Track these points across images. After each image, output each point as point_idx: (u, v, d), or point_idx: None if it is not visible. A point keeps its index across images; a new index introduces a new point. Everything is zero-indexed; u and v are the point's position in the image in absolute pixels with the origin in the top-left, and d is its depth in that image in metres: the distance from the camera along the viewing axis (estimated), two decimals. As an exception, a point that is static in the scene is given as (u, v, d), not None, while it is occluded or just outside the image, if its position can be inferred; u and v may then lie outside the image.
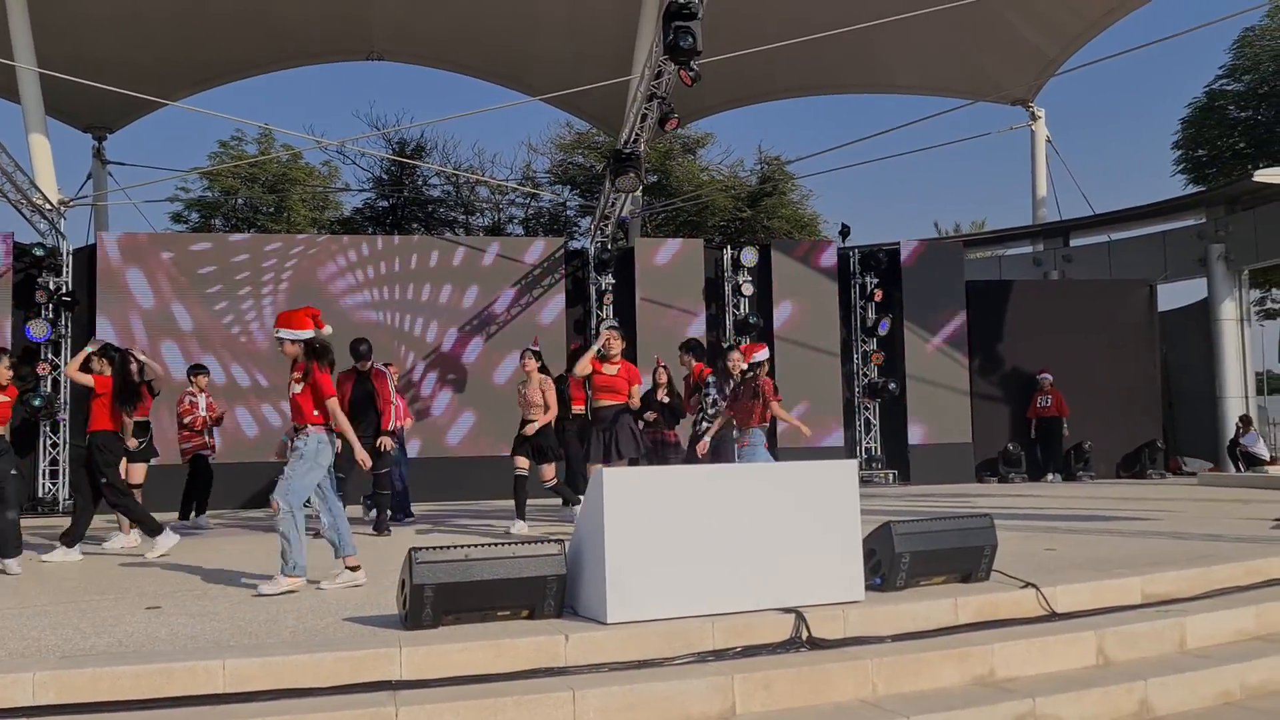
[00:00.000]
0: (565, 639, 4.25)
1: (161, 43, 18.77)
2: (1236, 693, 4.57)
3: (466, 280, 15.00)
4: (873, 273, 16.55)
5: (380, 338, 14.46)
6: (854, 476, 5.03)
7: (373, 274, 14.78)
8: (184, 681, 3.89)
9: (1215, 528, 7.97)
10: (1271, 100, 23.34)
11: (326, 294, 14.51)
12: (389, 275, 14.83)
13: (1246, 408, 18.07)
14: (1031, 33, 19.50)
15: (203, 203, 27.56)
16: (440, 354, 14.83)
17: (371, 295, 14.71)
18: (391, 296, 14.77)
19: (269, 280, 14.46)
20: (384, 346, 14.37)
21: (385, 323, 14.65)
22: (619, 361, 8.53)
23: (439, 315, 14.84)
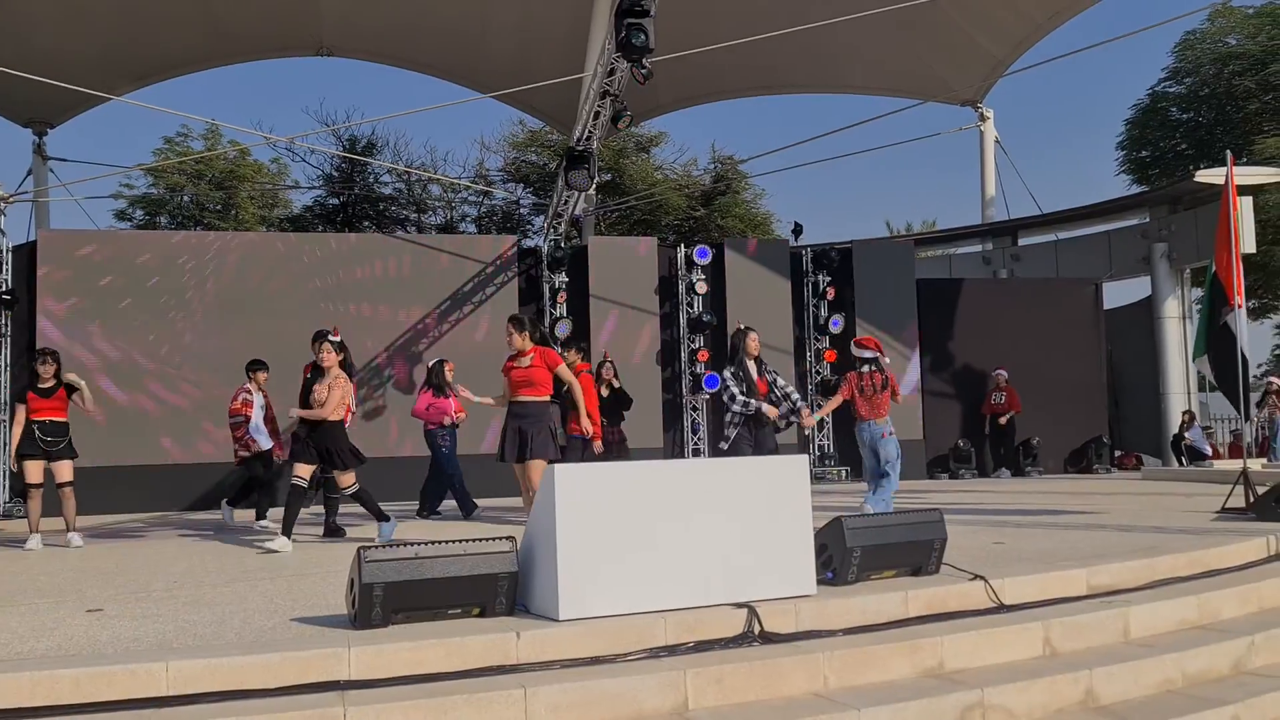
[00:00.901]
0: (517, 636, 4.22)
1: (103, 36, 18.41)
2: (1178, 681, 4.65)
3: (418, 279, 14.87)
4: (825, 271, 16.67)
5: (330, 336, 14.30)
6: (805, 472, 5.05)
7: (321, 271, 14.59)
8: (126, 684, 3.80)
9: (1159, 520, 8.12)
10: (1212, 103, 23.88)
11: (271, 292, 14.31)
12: (338, 272, 14.65)
13: (1189, 403, 18.47)
14: (980, 34, 19.78)
15: (147, 200, 27.09)
16: (390, 353, 14.69)
17: (319, 292, 14.52)
18: (341, 294, 14.59)
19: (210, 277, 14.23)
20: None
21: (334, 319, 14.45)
22: (531, 351, 7.98)
23: (390, 314, 14.69)
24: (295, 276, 14.48)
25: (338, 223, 26.80)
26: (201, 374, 13.92)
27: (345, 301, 14.57)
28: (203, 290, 14.17)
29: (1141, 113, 25.42)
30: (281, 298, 14.32)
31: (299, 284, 14.46)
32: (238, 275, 14.31)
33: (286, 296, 14.34)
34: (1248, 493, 8.22)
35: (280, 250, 14.70)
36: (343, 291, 14.60)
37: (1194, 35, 24.27)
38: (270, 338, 13.92)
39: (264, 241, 14.99)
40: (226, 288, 14.22)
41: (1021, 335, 17.12)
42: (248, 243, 14.85)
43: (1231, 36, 23.83)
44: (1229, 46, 23.64)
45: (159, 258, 14.13)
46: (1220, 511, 8.46)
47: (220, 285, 14.21)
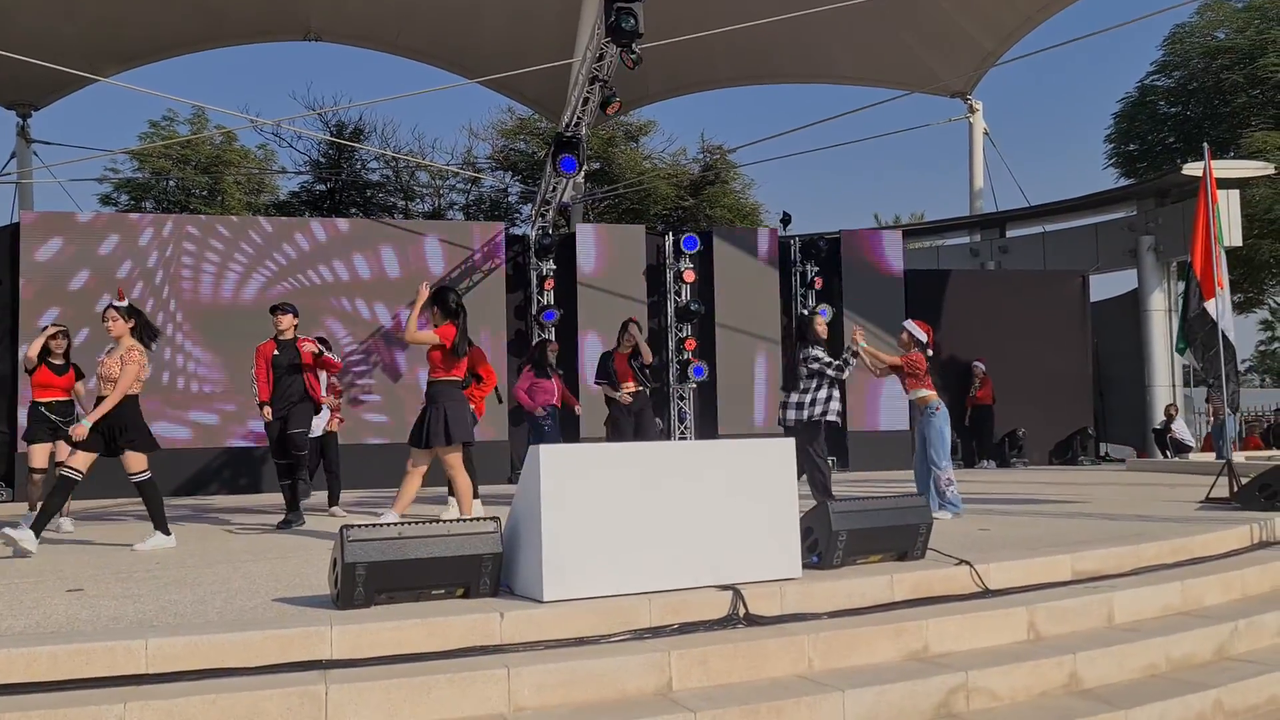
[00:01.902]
0: (500, 617, 4.20)
1: (89, 17, 18.23)
2: (1162, 665, 4.66)
3: (405, 266, 14.80)
4: (813, 261, 16.67)
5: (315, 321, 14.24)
6: (792, 455, 5.03)
7: (309, 257, 14.51)
8: (105, 662, 3.76)
9: (1143, 509, 8.15)
10: (1200, 96, 23.93)
11: (262, 276, 14.23)
12: (325, 258, 14.57)
13: (1174, 396, 18.54)
14: (969, 25, 19.77)
15: (133, 184, 26.91)
16: (377, 339, 14.63)
17: (309, 279, 14.45)
18: (329, 281, 14.52)
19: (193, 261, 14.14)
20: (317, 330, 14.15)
21: (322, 305, 14.40)
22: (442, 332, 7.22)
23: (378, 300, 14.63)
24: (280, 261, 14.40)
25: (324, 209, 26.66)
26: (188, 358, 13.84)
27: (331, 287, 14.50)
28: (186, 274, 14.07)
29: (1130, 106, 25.48)
30: (266, 283, 14.24)
31: (284, 269, 14.38)
32: (222, 259, 14.21)
33: (271, 282, 14.26)
34: (1232, 483, 8.25)
35: (265, 234, 14.60)
36: (328, 277, 14.53)
37: (1183, 29, 24.33)
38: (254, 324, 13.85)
39: (248, 225, 14.88)
40: (210, 271, 14.12)
41: (1008, 327, 17.15)
42: (233, 226, 14.74)
43: (1220, 30, 23.89)
44: (1217, 40, 23.69)
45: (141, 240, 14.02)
46: (1204, 501, 8.49)
47: (204, 269, 14.11)
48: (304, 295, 14.30)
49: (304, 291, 14.23)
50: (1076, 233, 20.91)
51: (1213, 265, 8.75)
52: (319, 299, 14.32)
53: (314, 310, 14.29)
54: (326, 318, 14.28)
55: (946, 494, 7.96)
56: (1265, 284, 23.52)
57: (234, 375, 13.82)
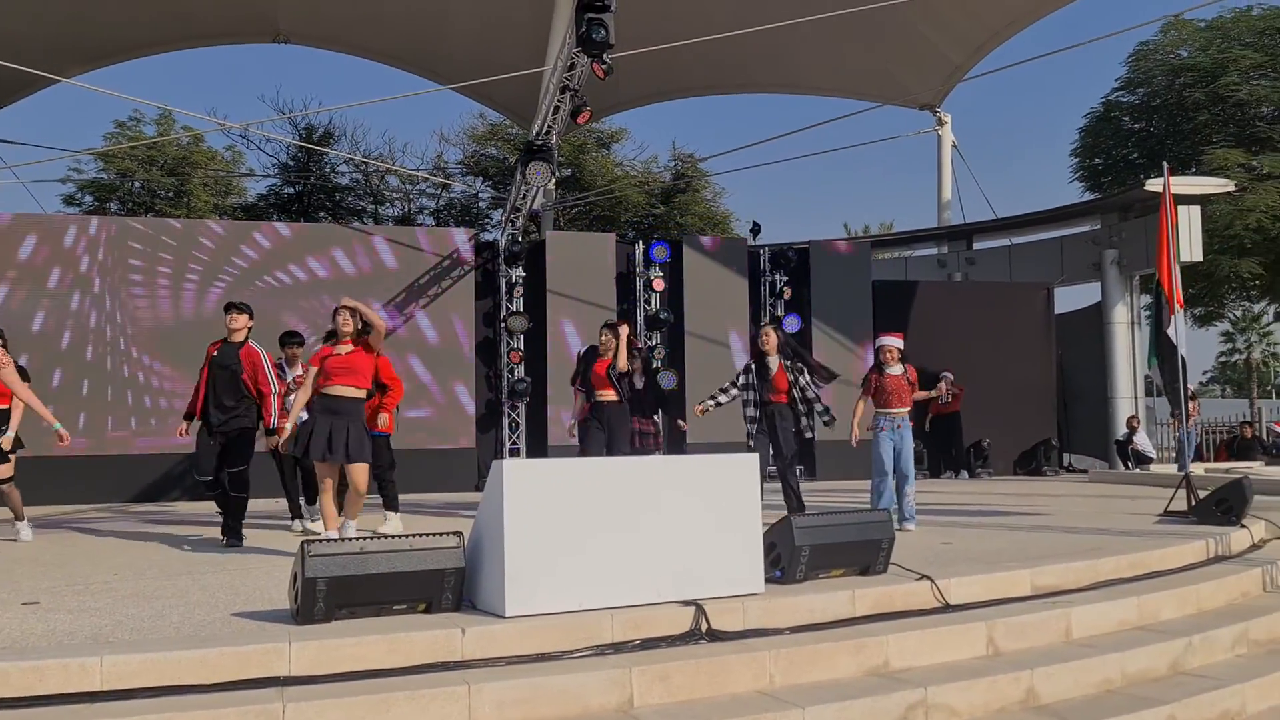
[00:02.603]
0: (462, 633, 4.18)
1: (53, 16, 18.00)
2: (1118, 680, 4.72)
3: (374, 271, 14.73)
4: (782, 271, 16.75)
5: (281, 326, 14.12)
6: (756, 470, 5.05)
7: (277, 261, 14.40)
8: (58, 679, 3.71)
9: (1103, 522, 8.24)
10: (1163, 113, 24.28)
11: (228, 281, 14.10)
12: (293, 263, 14.46)
13: (1136, 408, 18.78)
14: (939, 39, 19.96)
15: (97, 185, 26.59)
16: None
17: (275, 283, 14.33)
18: (295, 285, 14.41)
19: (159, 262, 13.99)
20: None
21: (289, 311, 14.28)
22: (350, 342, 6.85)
23: (344, 305, 14.52)
24: (247, 264, 14.27)
25: (293, 212, 26.47)
26: (150, 363, 13.69)
27: (298, 291, 14.39)
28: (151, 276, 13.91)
29: (1095, 121, 25.80)
30: (230, 287, 14.10)
31: (251, 272, 14.25)
32: (186, 261, 14.07)
33: (235, 285, 14.13)
34: (1189, 496, 8.37)
35: (231, 237, 14.46)
36: (296, 281, 14.42)
37: (1147, 46, 24.67)
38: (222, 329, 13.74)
39: (213, 228, 14.75)
40: (174, 274, 13.97)
41: (975, 338, 17.32)
42: (196, 228, 14.60)
43: (1183, 49, 24.25)
44: (1180, 59, 24.05)
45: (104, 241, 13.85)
46: (1163, 514, 8.60)
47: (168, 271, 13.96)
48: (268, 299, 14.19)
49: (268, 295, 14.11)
50: (1042, 245, 21.15)
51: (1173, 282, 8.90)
52: (283, 303, 14.21)
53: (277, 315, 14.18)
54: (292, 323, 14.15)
55: (913, 505, 8.05)
56: (1225, 298, 23.87)
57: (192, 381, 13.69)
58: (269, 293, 14.17)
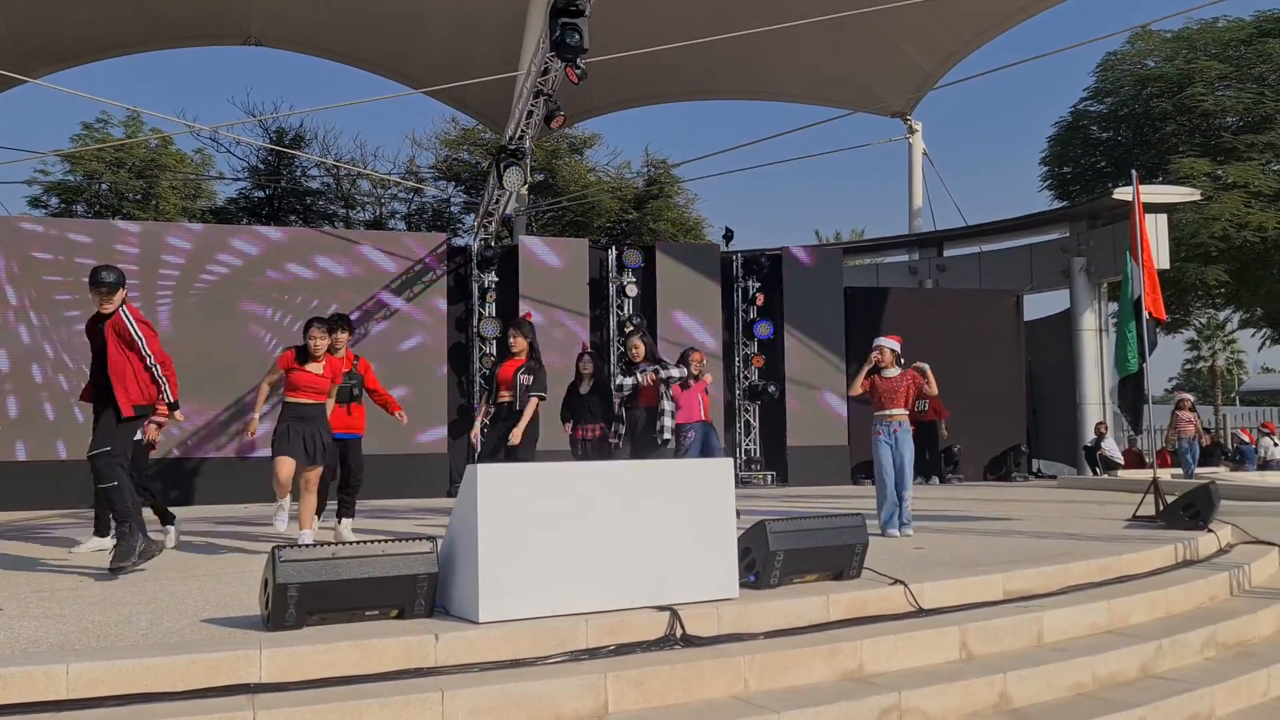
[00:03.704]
0: (435, 639, 4.15)
1: (19, 16, 17.78)
2: (1089, 683, 4.75)
3: (345, 275, 14.63)
4: (755, 277, 16.79)
5: (253, 330, 14.02)
6: (730, 475, 5.05)
7: (248, 266, 14.27)
8: (22, 687, 3.64)
9: (1073, 528, 8.31)
10: (1130, 122, 24.58)
11: (197, 285, 13.97)
12: (261, 267, 14.34)
13: (1104, 414, 18.98)
14: (910, 47, 20.12)
15: (63, 187, 26.26)
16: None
17: (245, 287, 14.20)
18: (264, 289, 14.29)
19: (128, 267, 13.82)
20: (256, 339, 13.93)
21: (259, 316, 14.17)
22: (323, 357, 7.30)
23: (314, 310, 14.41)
24: (216, 268, 14.13)
25: (263, 216, 26.26)
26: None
27: (268, 295, 14.27)
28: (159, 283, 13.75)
29: (1064, 130, 26.09)
30: (199, 290, 13.98)
31: (221, 276, 14.12)
32: (154, 266, 13.91)
33: (205, 289, 14.00)
34: (1158, 502, 8.45)
35: (200, 240, 14.32)
36: (265, 285, 14.30)
37: (1115, 56, 24.98)
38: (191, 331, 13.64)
39: (180, 231, 14.60)
40: (144, 280, 13.81)
41: (945, 344, 17.38)
42: (164, 231, 14.45)
43: (1150, 59, 24.58)
44: (1148, 69, 24.38)
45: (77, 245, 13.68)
46: (1131, 519, 8.68)
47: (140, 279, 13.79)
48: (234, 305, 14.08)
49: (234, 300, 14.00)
50: (1012, 253, 21.34)
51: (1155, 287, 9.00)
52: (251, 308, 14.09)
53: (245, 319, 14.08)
54: (257, 328, 14.05)
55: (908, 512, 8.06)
56: (1191, 305, 24.18)
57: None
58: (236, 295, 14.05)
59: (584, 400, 8.98)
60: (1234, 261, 20.66)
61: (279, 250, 14.48)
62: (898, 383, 8.19)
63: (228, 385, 13.80)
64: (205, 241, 14.31)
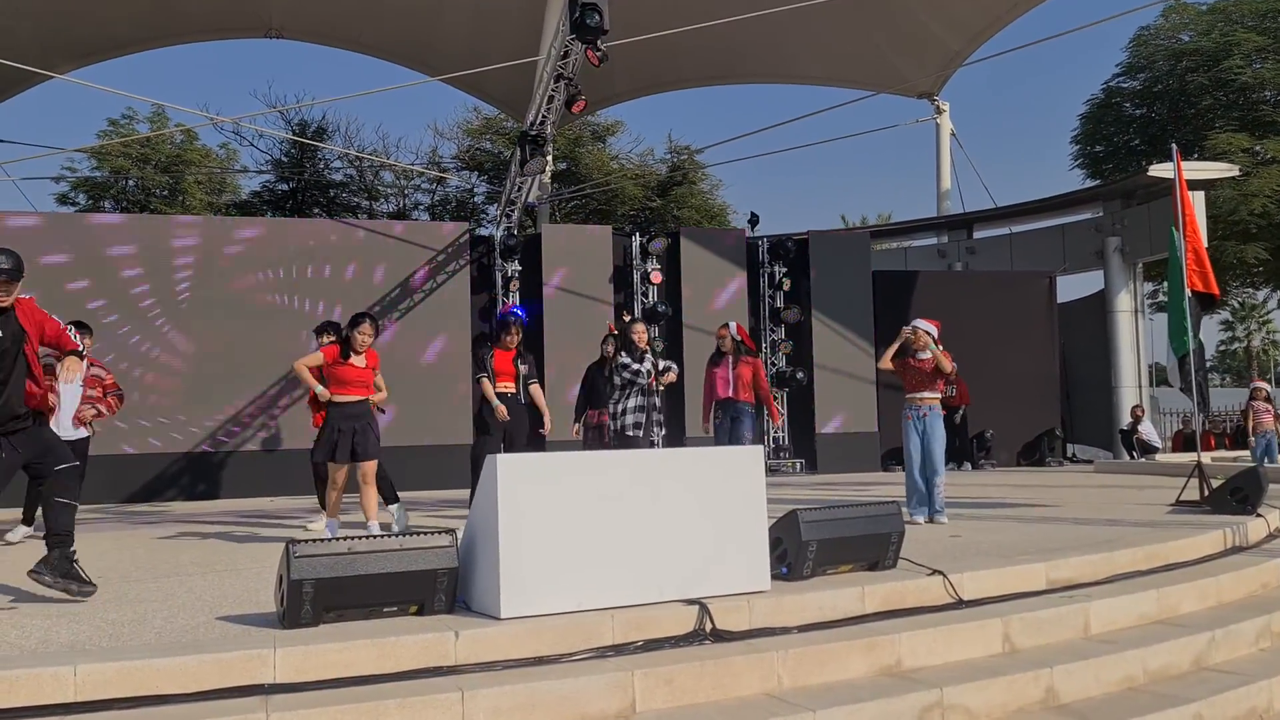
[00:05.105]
0: (455, 636, 4.00)
1: (42, 12, 17.78)
2: (1140, 677, 4.54)
3: (369, 266, 14.53)
4: (781, 262, 16.55)
5: (280, 323, 13.94)
6: (760, 463, 4.87)
7: (272, 258, 14.20)
8: (30, 690, 3.53)
9: (1114, 513, 8.06)
10: (1165, 98, 24.07)
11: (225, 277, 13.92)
12: (289, 259, 14.26)
13: (1140, 397, 18.60)
14: (937, 26, 19.75)
15: (91, 183, 26.38)
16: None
17: (270, 279, 14.13)
18: (285, 282, 14.21)
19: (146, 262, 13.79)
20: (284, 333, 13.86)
21: (284, 307, 14.10)
22: (366, 351, 7.32)
23: (341, 302, 14.32)
24: (241, 259, 14.07)
25: (287, 209, 26.27)
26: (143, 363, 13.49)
27: (293, 287, 14.20)
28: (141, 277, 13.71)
29: (1096, 108, 25.60)
30: (225, 282, 13.92)
31: (245, 268, 14.06)
32: (179, 260, 13.87)
33: (231, 281, 13.94)
34: (1202, 486, 8.18)
35: (225, 232, 14.27)
36: (290, 276, 14.23)
37: (1148, 31, 24.46)
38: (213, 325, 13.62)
39: (208, 224, 14.56)
40: (167, 274, 13.77)
41: (976, 328, 17.10)
42: (190, 225, 14.40)
43: (1185, 33, 24.05)
44: (1182, 43, 23.85)
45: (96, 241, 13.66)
46: (1175, 504, 8.43)
47: (161, 272, 13.76)
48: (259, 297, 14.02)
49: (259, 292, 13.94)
50: (1043, 234, 20.95)
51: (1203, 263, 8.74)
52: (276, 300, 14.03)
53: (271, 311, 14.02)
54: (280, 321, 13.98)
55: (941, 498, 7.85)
56: (1229, 284, 23.69)
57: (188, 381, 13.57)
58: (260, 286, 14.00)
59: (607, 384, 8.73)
60: (1274, 239, 20.17)
61: (303, 242, 14.39)
62: (926, 366, 7.97)
63: (252, 379, 13.76)
64: (222, 233, 14.25)
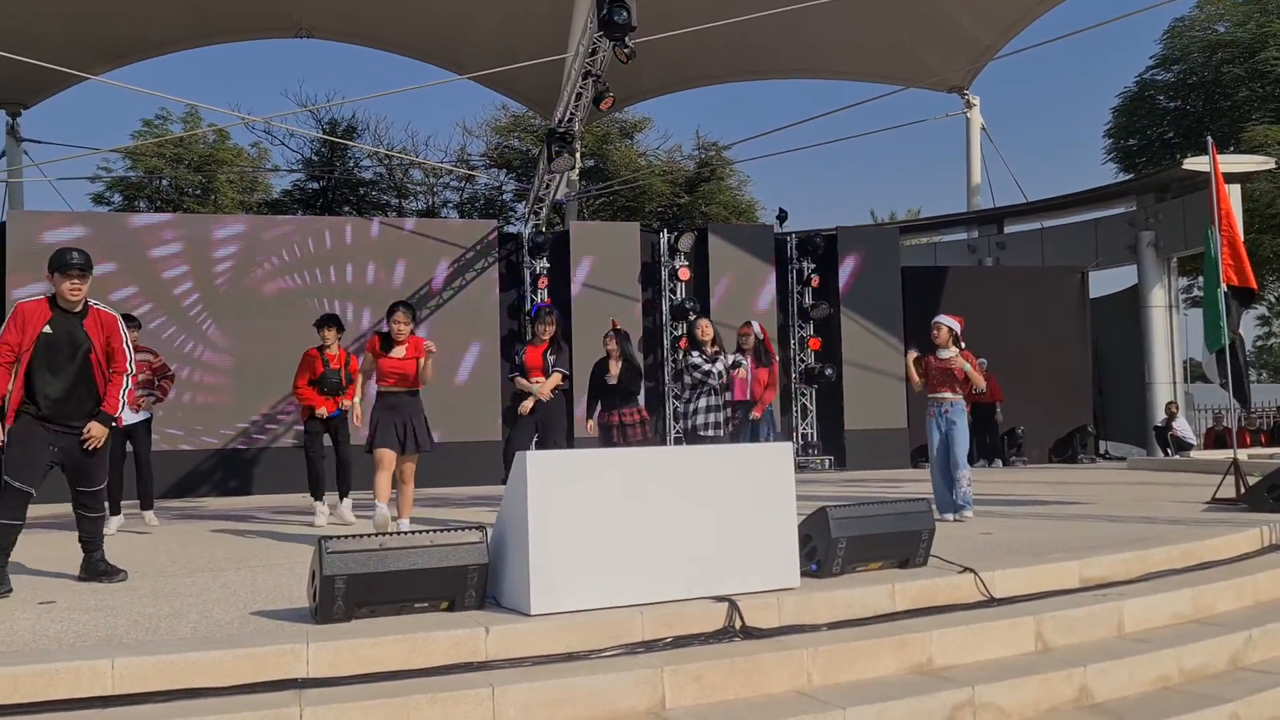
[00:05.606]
0: (486, 632, 4.02)
1: (77, 15, 18.01)
2: (1175, 677, 4.49)
3: (398, 264, 14.61)
4: (810, 258, 16.48)
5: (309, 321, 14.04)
6: (789, 460, 4.86)
7: (301, 256, 14.32)
8: (69, 683, 3.58)
9: (1148, 511, 7.98)
10: (1200, 91, 23.76)
11: (251, 276, 14.05)
12: (317, 257, 14.37)
13: (1174, 394, 18.38)
14: (967, 19, 19.58)
15: (125, 183, 26.69)
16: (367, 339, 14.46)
17: (298, 278, 14.25)
18: (318, 280, 14.32)
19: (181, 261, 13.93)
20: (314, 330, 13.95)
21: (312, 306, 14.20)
22: (407, 340, 7.37)
23: (368, 300, 14.42)
24: (269, 257, 14.19)
25: (317, 207, 26.46)
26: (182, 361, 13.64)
27: (322, 285, 14.30)
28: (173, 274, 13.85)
29: (1129, 100, 25.30)
30: (256, 280, 14.05)
31: (274, 267, 14.18)
32: (212, 258, 14.01)
33: (262, 279, 14.07)
34: (1239, 483, 8.08)
35: (253, 231, 14.40)
36: (319, 274, 14.33)
37: (1183, 22, 24.15)
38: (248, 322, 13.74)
39: (236, 222, 14.70)
40: (201, 273, 13.92)
41: (1007, 323, 16.97)
42: (220, 223, 14.54)
43: (1220, 24, 23.72)
44: (1218, 34, 23.52)
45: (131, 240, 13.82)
46: (1210, 502, 8.33)
47: (195, 270, 13.90)
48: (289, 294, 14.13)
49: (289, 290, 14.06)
50: (1075, 228, 20.75)
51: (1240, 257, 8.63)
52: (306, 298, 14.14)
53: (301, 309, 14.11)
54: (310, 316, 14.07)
55: (968, 493, 7.80)
56: (1265, 279, 23.35)
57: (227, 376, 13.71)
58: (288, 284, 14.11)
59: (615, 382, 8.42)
60: (1312, 233, 19.90)
61: (334, 240, 14.49)
62: (951, 364, 7.91)
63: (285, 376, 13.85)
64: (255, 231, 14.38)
